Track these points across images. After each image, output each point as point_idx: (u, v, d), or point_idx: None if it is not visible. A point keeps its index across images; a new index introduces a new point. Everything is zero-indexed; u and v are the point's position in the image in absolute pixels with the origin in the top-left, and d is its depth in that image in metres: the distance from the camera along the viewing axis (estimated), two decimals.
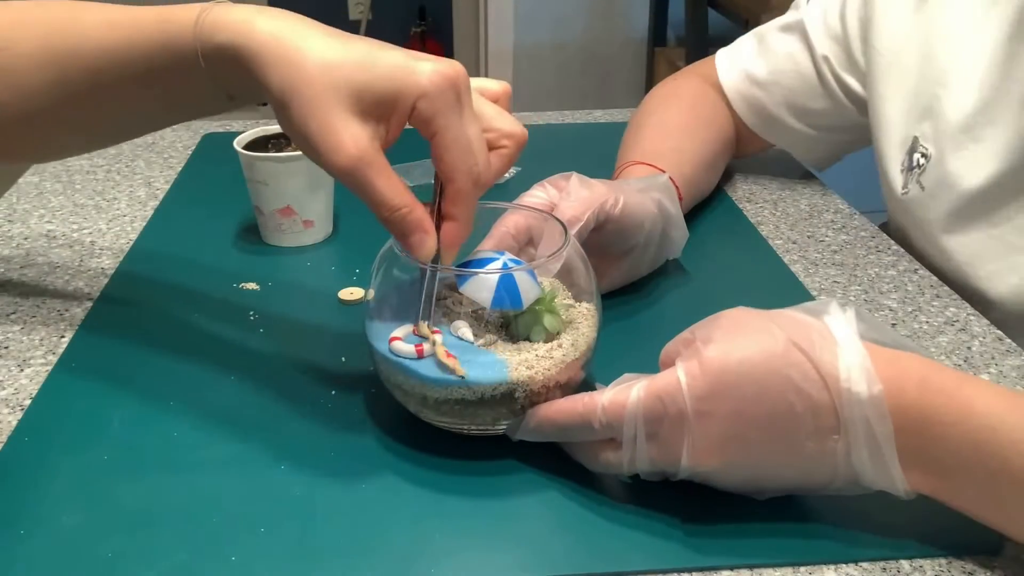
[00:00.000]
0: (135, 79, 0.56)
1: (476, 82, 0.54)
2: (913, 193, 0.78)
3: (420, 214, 0.49)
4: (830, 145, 0.92)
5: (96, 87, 0.57)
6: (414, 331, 0.53)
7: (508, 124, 0.52)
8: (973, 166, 0.73)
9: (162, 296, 0.71)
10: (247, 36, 0.50)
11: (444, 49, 3.36)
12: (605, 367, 0.56)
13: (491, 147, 0.51)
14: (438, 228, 0.50)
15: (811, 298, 0.72)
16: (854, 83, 0.85)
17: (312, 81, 0.48)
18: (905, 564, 0.47)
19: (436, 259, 0.51)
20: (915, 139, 0.78)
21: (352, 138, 0.47)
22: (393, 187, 0.48)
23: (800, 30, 0.88)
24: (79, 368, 0.62)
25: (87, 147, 0.72)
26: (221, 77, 0.52)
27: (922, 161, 0.77)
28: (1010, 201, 0.71)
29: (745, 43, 0.93)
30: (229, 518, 0.49)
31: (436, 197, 0.51)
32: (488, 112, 0.52)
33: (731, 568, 0.46)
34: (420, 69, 0.48)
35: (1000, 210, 0.72)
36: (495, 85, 0.55)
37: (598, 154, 0.85)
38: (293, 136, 0.50)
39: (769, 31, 0.91)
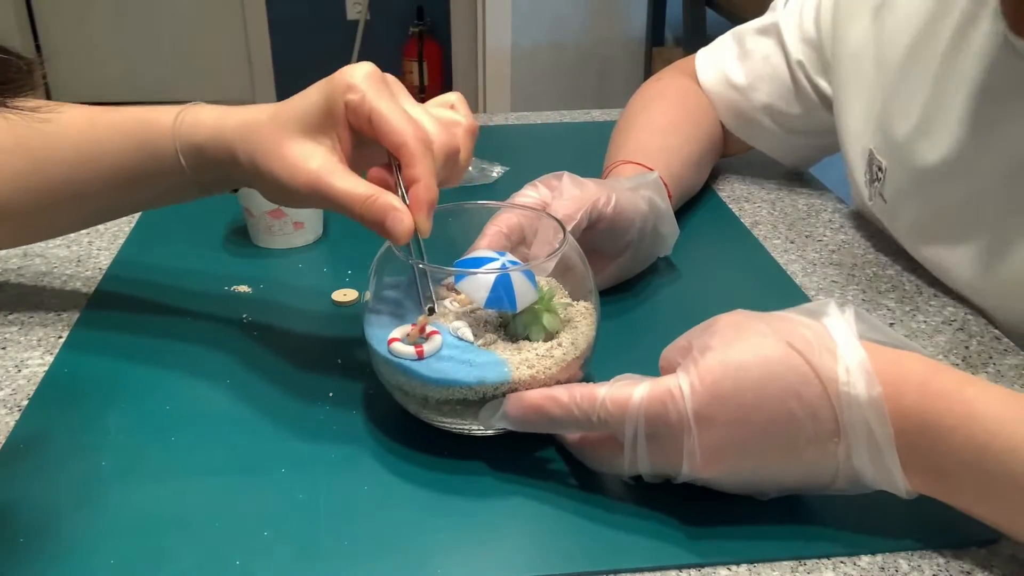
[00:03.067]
0: (112, 177, 0.61)
1: (430, 102, 0.57)
2: (878, 205, 0.77)
3: (388, 197, 0.50)
4: (807, 148, 0.92)
5: (73, 183, 0.61)
6: (413, 327, 0.53)
7: (455, 115, 0.55)
8: (915, 180, 0.70)
9: (154, 301, 0.71)
10: (220, 130, 0.55)
11: (442, 49, 3.37)
12: (601, 366, 0.56)
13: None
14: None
15: (802, 292, 0.72)
16: (828, 87, 0.85)
17: (266, 135, 0.53)
18: (903, 563, 0.47)
19: (420, 252, 0.52)
20: (871, 151, 0.77)
21: (307, 157, 0.51)
22: (354, 183, 0.51)
23: (776, 33, 0.88)
24: (75, 370, 0.62)
25: (53, 236, 0.77)
26: (198, 171, 0.58)
27: (880, 174, 0.75)
28: (957, 213, 0.68)
29: (725, 45, 0.93)
30: (231, 523, 0.49)
31: (396, 181, 0.52)
32: (435, 111, 0.54)
33: (729, 566, 0.46)
34: (343, 72, 0.52)
35: (953, 222, 0.69)
36: (449, 96, 0.57)
37: (596, 153, 0.85)
38: (271, 196, 0.55)
39: (747, 33, 0.91)
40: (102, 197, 0.62)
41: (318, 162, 0.51)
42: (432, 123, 0.52)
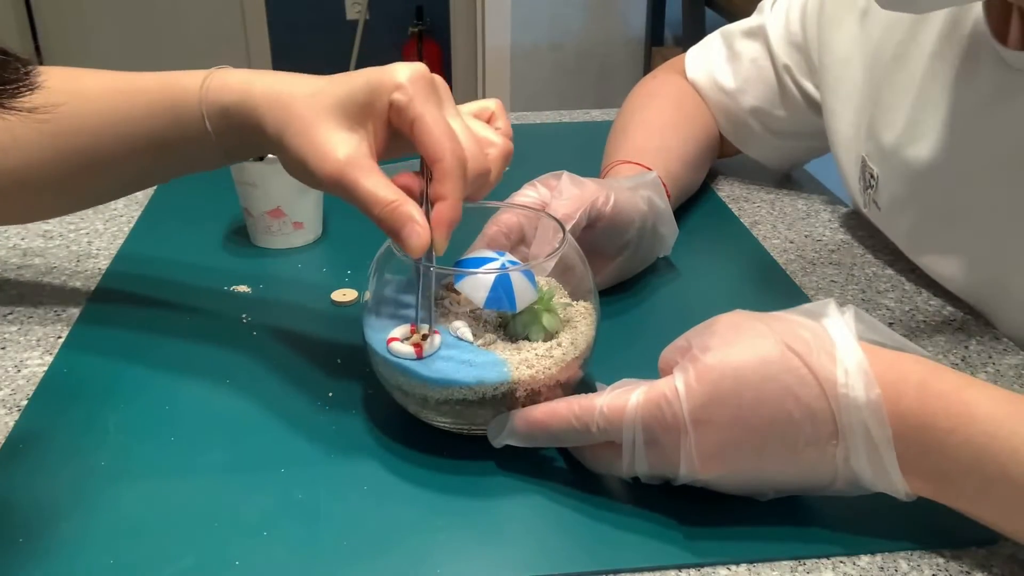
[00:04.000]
0: (136, 143, 0.59)
1: (470, 105, 0.57)
2: (873, 212, 0.77)
3: (410, 207, 0.50)
4: (794, 150, 0.92)
5: (97, 151, 0.60)
6: (411, 331, 0.53)
7: (493, 135, 0.55)
8: (906, 187, 0.70)
9: (154, 301, 0.71)
10: (247, 95, 0.54)
11: (442, 49, 3.36)
12: (600, 366, 0.56)
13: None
14: (430, 221, 0.50)
15: (802, 292, 0.72)
16: (814, 90, 0.85)
17: (300, 112, 0.52)
18: (903, 563, 0.47)
19: (431, 256, 0.51)
20: (863, 158, 0.76)
21: (338, 145, 0.50)
22: (380, 184, 0.50)
23: (763, 36, 0.88)
24: (74, 370, 0.62)
25: (75, 209, 0.74)
26: (224, 135, 0.56)
27: (872, 182, 0.75)
28: (950, 221, 0.68)
29: (714, 45, 0.92)
30: (231, 522, 0.49)
31: (424, 190, 0.51)
32: (474, 125, 0.54)
33: (729, 566, 0.46)
34: (394, 68, 0.51)
35: (947, 230, 0.69)
36: (488, 103, 0.57)
37: (596, 153, 0.85)
38: (294, 173, 0.54)
39: (736, 35, 0.90)
40: (126, 165, 0.61)
41: (348, 152, 0.50)
42: (470, 141, 0.52)
